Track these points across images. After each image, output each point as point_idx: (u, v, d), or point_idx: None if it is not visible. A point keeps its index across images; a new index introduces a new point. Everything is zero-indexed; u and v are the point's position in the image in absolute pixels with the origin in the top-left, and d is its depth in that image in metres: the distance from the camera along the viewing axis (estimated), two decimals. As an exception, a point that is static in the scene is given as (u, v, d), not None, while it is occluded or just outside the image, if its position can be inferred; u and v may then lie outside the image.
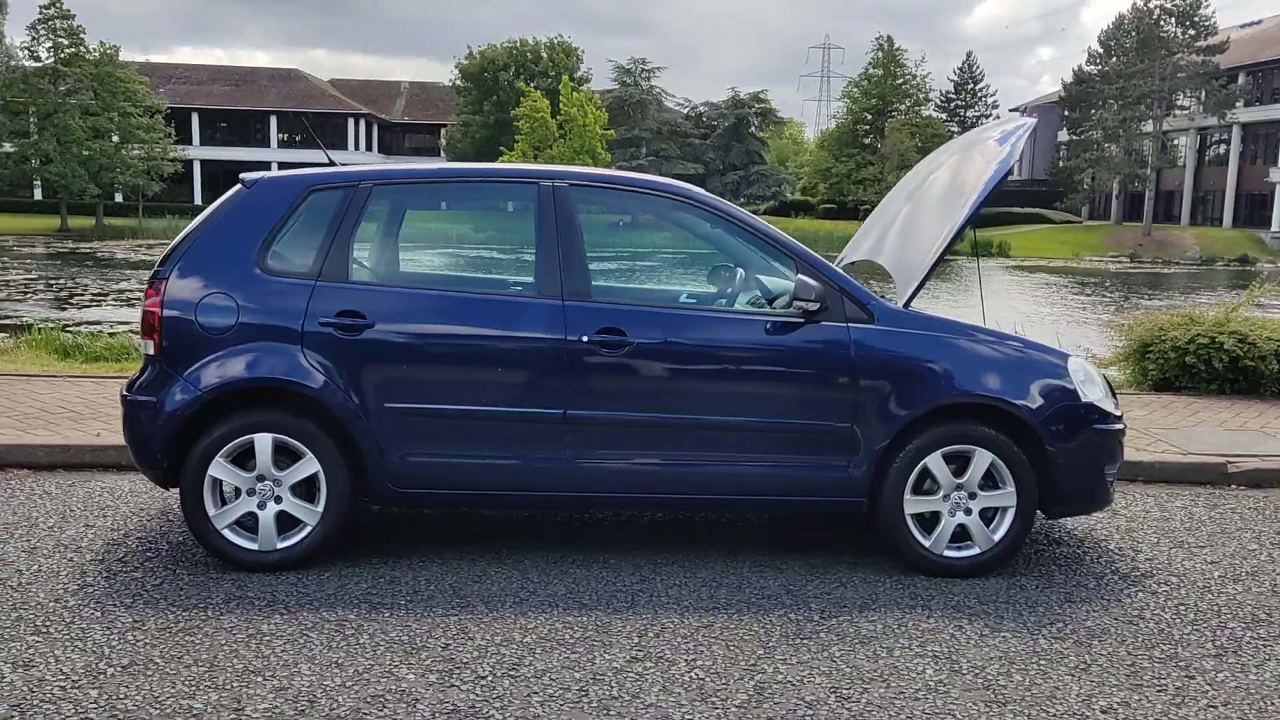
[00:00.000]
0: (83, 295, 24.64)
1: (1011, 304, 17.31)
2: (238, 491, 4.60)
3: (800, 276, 4.70)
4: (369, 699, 3.50)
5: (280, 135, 70.81)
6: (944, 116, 76.11)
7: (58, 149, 58.48)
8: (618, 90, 72.34)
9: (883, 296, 5.02)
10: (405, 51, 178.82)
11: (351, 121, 70.20)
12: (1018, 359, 4.95)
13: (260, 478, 4.60)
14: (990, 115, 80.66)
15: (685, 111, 76.98)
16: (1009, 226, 58.89)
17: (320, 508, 4.63)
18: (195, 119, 68.46)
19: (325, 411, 4.60)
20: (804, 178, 78.37)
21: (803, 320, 4.77)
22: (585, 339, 4.66)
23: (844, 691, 3.68)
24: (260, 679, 3.61)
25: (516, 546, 5.06)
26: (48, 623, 4.00)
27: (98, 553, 4.79)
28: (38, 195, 62.64)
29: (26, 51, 61.62)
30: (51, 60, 61.65)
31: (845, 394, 4.77)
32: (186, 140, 66.96)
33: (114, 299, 24.02)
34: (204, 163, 67.25)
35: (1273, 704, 3.70)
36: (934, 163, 6.00)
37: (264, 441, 4.57)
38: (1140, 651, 4.11)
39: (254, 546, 4.61)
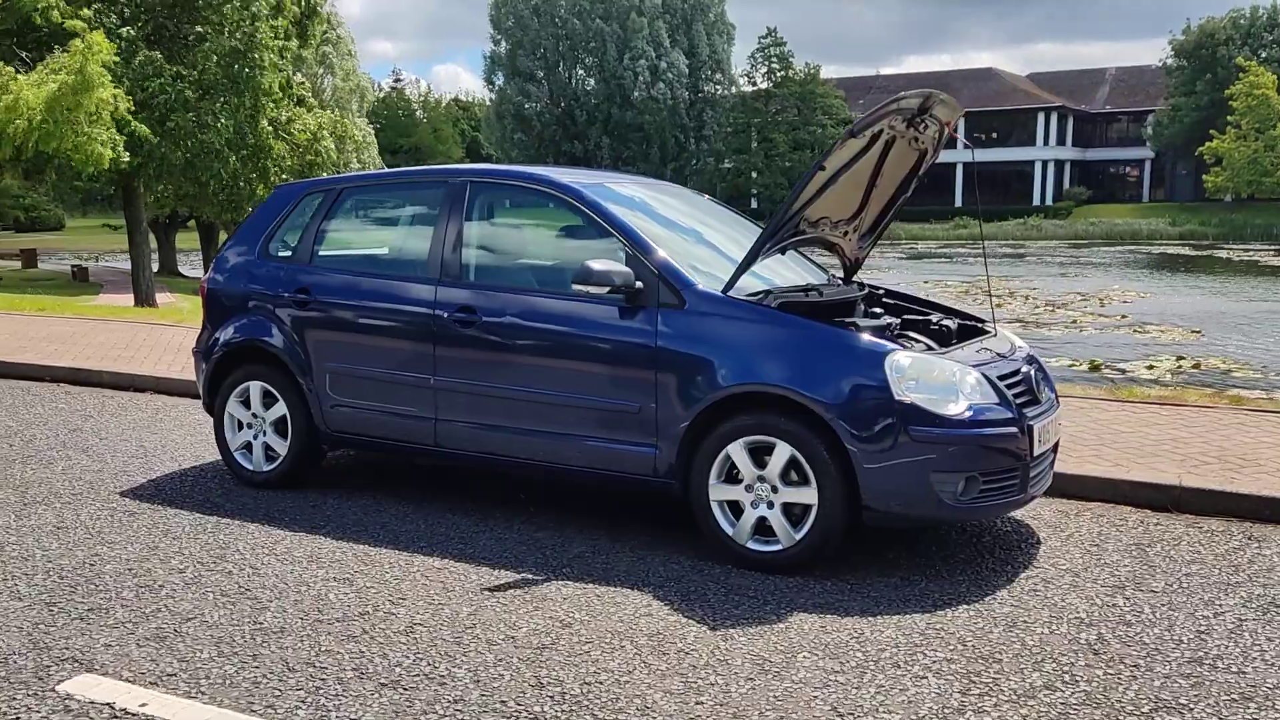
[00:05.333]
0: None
1: None
2: (243, 425, 6.06)
3: (586, 262, 4.84)
4: (137, 560, 4.78)
5: (975, 135, 71.53)
6: None
7: (764, 162, 65.85)
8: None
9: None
10: (1141, 34, 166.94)
11: (1041, 116, 68.51)
12: (825, 351, 4.55)
13: (255, 415, 6.01)
14: None
15: None
16: None
17: (287, 443, 5.90)
18: (889, 126, 72.08)
19: (287, 366, 5.86)
20: None
21: (627, 304, 4.90)
22: (445, 316, 5.33)
23: (420, 625, 4.07)
24: (116, 546, 5.00)
25: (469, 497, 5.84)
26: (92, 499, 5.80)
27: (196, 460, 6.58)
28: (754, 205, 70.98)
29: (746, 78, 70.36)
30: (766, 84, 69.62)
31: (647, 376, 4.82)
32: (880, 146, 70.88)
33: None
34: (895, 167, 70.75)
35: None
36: None
37: (255, 388, 5.98)
38: (776, 653, 3.77)
39: (251, 467, 6.03)
